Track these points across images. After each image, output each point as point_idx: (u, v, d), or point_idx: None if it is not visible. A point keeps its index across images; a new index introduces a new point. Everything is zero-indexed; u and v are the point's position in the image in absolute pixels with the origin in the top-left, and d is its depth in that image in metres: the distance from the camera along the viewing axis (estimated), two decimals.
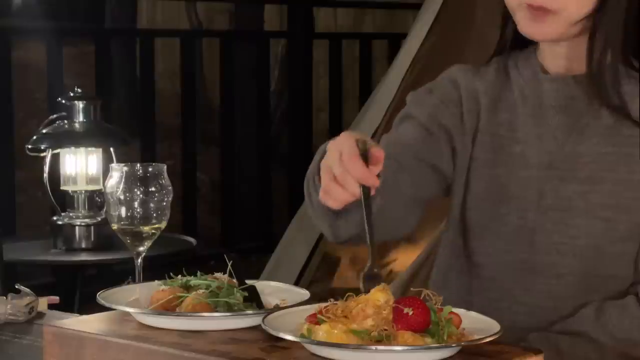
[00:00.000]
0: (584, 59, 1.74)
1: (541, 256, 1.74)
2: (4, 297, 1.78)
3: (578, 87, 1.75)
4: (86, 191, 3.31)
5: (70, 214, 3.31)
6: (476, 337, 1.30)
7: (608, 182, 1.71)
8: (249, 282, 1.50)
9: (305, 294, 1.49)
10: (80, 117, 3.33)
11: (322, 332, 1.28)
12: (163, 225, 1.73)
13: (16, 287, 1.82)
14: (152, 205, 1.70)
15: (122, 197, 1.69)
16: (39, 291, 1.84)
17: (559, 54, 1.77)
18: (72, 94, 3.35)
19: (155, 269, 1.87)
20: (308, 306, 1.40)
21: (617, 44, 1.72)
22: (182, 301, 1.44)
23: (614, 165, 1.72)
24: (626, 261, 1.71)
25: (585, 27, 1.72)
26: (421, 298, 1.31)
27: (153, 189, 1.70)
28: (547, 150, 1.76)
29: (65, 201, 3.34)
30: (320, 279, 4.07)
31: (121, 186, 1.69)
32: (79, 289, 3.47)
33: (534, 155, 1.77)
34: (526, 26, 1.74)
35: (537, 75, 1.79)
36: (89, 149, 3.33)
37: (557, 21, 1.71)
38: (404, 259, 3.95)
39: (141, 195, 1.70)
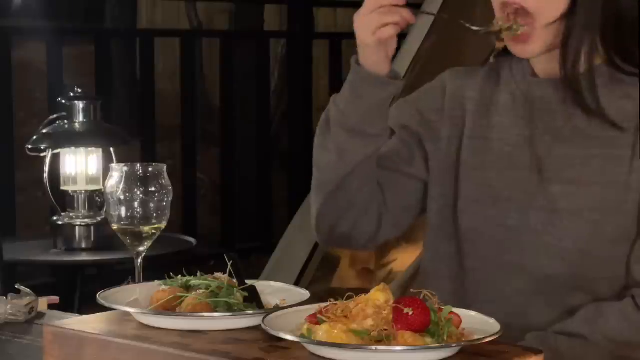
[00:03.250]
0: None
1: (531, 257, 1.74)
2: (4, 297, 1.78)
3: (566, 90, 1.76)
4: (86, 191, 3.32)
5: (70, 214, 3.31)
6: (476, 337, 1.30)
7: (596, 185, 1.72)
8: (249, 282, 1.50)
9: (305, 294, 1.49)
10: (80, 117, 3.33)
11: (322, 332, 1.28)
12: (163, 225, 1.73)
13: (16, 287, 1.82)
14: (152, 205, 1.70)
15: (122, 197, 1.69)
16: (39, 291, 1.84)
17: (547, 59, 1.77)
18: (72, 94, 3.35)
19: (155, 269, 1.87)
20: (308, 306, 1.40)
21: (593, 47, 1.72)
22: (182, 301, 1.44)
23: (601, 168, 1.72)
24: (614, 263, 1.72)
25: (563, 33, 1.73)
26: (421, 298, 1.31)
27: (153, 189, 1.70)
28: (535, 153, 1.76)
29: (65, 201, 3.34)
30: (320, 279, 4.07)
31: (121, 186, 1.69)
32: (79, 289, 3.47)
33: (523, 157, 1.77)
34: (512, 49, 1.76)
35: (528, 78, 1.80)
36: (89, 149, 3.33)
37: (533, 24, 1.72)
38: (404, 259, 3.96)
39: (141, 195, 1.70)
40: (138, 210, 1.70)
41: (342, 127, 1.78)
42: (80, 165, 3.33)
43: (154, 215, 1.70)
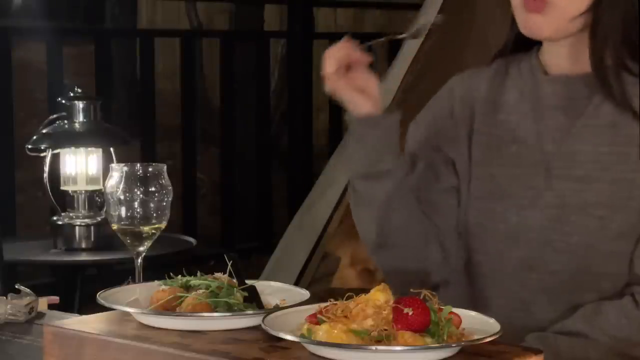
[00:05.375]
0: (583, 58, 1.75)
1: (536, 253, 1.75)
2: (4, 297, 1.78)
3: (577, 88, 1.76)
4: (86, 191, 3.32)
5: (70, 214, 3.31)
6: (476, 337, 1.30)
7: (603, 182, 1.73)
8: (249, 282, 1.50)
9: (305, 294, 1.49)
10: (80, 117, 3.33)
11: (322, 332, 1.28)
12: (163, 225, 1.73)
13: (16, 287, 1.82)
14: (152, 205, 1.70)
15: (122, 197, 1.69)
16: (39, 291, 1.84)
17: (560, 53, 1.78)
18: (72, 94, 3.35)
19: (155, 269, 1.87)
20: (308, 306, 1.40)
21: (617, 41, 1.73)
22: (182, 301, 1.44)
23: (609, 165, 1.73)
24: (619, 259, 1.73)
25: (585, 23, 1.73)
26: (421, 298, 1.31)
27: (153, 189, 1.70)
28: (544, 149, 1.77)
29: (65, 201, 3.34)
30: (320, 279, 4.07)
31: (121, 186, 1.69)
32: (79, 289, 3.47)
33: (531, 154, 1.78)
34: (524, 23, 1.75)
35: (537, 75, 1.80)
36: (89, 149, 3.33)
37: (554, 15, 1.72)
38: None
39: (141, 195, 1.70)
40: (138, 210, 1.70)
41: (358, 178, 1.79)
42: (80, 165, 3.33)
43: (154, 215, 1.71)
